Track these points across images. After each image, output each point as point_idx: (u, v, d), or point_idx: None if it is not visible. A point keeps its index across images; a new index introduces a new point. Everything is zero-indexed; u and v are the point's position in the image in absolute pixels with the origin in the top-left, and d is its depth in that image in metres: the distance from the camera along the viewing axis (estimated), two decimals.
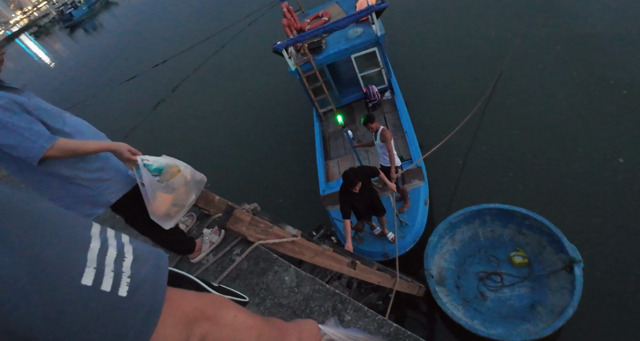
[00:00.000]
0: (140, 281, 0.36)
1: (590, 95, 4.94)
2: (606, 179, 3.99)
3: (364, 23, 5.51)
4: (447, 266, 3.76)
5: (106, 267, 0.34)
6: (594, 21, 6.01)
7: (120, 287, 0.34)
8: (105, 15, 33.81)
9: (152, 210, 1.56)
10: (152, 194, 1.51)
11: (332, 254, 2.12)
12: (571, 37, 5.92)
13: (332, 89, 5.84)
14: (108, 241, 0.37)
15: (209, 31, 13.31)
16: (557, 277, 3.24)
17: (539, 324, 3.05)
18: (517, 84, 5.61)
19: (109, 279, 0.34)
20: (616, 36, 5.55)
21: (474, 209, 3.72)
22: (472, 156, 4.98)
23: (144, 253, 0.40)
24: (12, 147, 1.25)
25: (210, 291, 0.83)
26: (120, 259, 0.36)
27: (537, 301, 3.29)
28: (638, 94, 4.65)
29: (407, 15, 8.89)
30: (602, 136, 4.42)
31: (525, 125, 4.97)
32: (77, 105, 12.63)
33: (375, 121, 3.64)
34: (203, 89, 10.51)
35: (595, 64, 5.30)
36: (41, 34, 42.71)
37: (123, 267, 0.36)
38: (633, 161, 4.02)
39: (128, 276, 0.35)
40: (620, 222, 3.62)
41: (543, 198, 4.09)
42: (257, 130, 7.58)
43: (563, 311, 2.93)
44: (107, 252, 0.36)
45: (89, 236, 0.36)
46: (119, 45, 19.74)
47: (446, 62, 6.84)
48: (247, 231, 1.73)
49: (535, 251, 3.54)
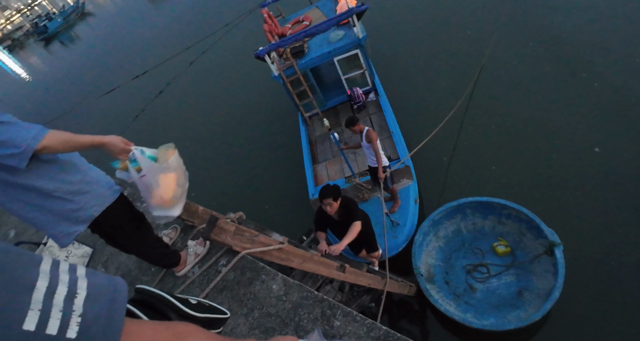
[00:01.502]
0: (93, 318, 0.34)
1: (564, 88, 5.11)
2: (583, 167, 4.14)
3: (345, 26, 5.54)
4: (434, 263, 3.79)
5: (53, 307, 0.32)
6: (563, 18, 6.22)
7: (69, 328, 0.32)
8: (81, 27, 33.11)
9: (159, 199, 1.49)
10: (155, 181, 1.45)
11: (320, 259, 2.10)
12: (543, 34, 6.12)
13: (317, 92, 5.83)
14: (59, 277, 0.34)
15: (189, 40, 13.17)
16: (540, 262, 3.34)
17: (529, 309, 3.12)
18: (496, 81, 5.75)
19: (55, 321, 0.31)
20: (585, 32, 5.76)
21: (454, 205, 3.80)
22: (457, 152, 5.07)
23: (100, 286, 0.37)
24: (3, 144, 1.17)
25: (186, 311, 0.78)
26: (71, 296, 0.34)
27: (523, 287, 3.37)
28: (608, 86, 4.83)
29: (387, 17, 9.01)
30: (578, 127, 4.57)
31: (505, 120, 5.10)
32: (57, 119, 12.26)
33: (359, 122, 3.62)
34: (185, 99, 10.37)
35: (566, 59, 5.49)
36: (15, 48, 41.45)
37: (74, 305, 0.33)
38: (608, 150, 4.17)
39: (79, 314, 0.33)
40: (598, 207, 3.76)
41: (525, 189, 4.21)
42: (242, 138, 7.49)
43: (550, 294, 3.01)
44: (56, 290, 0.33)
45: (36, 273, 0.33)
46: (97, 57, 19.33)
47: (427, 61, 6.95)
48: (232, 241, 1.69)
49: (516, 239, 3.64)
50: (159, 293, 0.76)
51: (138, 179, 1.44)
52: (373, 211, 4.13)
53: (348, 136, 5.45)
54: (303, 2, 7.50)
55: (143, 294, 0.77)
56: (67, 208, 1.43)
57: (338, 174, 4.91)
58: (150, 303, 0.74)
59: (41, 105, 15.76)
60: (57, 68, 21.97)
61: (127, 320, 0.38)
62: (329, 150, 5.39)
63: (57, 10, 40.31)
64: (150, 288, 0.78)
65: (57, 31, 34.41)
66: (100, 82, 14.54)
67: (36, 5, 74.24)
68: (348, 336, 1.28)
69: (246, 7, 13.05)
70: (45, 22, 36.01)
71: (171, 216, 1.59)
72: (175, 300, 0.76)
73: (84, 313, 0.33)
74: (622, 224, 3.55)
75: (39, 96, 17.81)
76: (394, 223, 3.97)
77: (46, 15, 38.77)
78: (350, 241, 2.76)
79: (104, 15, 33.76)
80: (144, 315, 0.66)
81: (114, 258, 2.35)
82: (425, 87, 6.39)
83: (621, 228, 3.53)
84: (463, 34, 7.08)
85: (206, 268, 1.87)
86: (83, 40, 26.85)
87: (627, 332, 2.97)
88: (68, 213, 1.44)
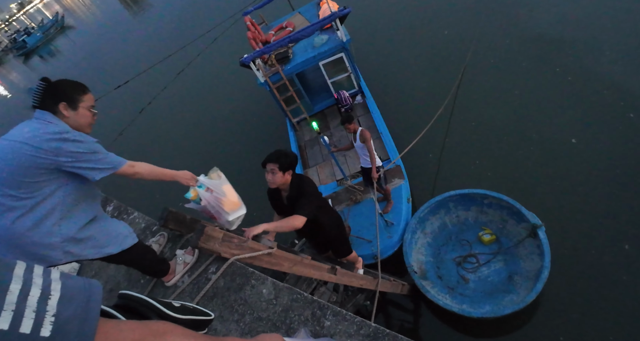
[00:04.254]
0: (67, 318, 0.35)
1: (540, 83, 5.30)
2: (561, 158, 4.31)
3: (329, 30, 5.59)
4: (425, 260, 3.84)
5: (27, 308, 0.33)
6: (536, 15, 6.46)
7: (43, 327, 0.33)
8: (61, 40, 32.60)
9: (230, 204, 1.82)
10: (222, 192, 1.82)
11: (310, 262, 2.10)
12: (517, 31, 6.34)
13: (303, 97, 5.86)
14: (32, 280, 0.36)
15: (171, 49, 13.10)
16: (524, 245, 3.45)
17: (521, 292, 3.19)
18: (478, 80, 5.90)
19: (29, 320, 0.33)
20: (557, 28, 5.99)
21: (437, 200, 3.89)
22: (443, 150, 5.19)
23: (74, 288, 0.38)
24: (99, 160, 1.39)
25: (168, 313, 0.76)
26: (44, 298, 0.35)
27: (513, 271, 3.46)
28: (581, 79, 5.03)
29: (369, 19, 9.15)
30: (555, 120, 4.74)
31: (487, 116, 5.27)
32: None
33: (354, 121, 3.64)
34: (170, 110, 10.25)
35: (540, 55, 5.69)
36: None
37: (48, 306, 0.35)
38: (584, 140, 4.36)
39: (52, 314, 0.34)
40: (576, 192, 3.94)
41: (507, 180, 4.38)
42: (230, 146, 7.43)
43: (539, 274, 3.09)
44: (29, 292, 0.34)
45: (10, 277, 0.35)
46: (78, 70, 19.04)
47: (411, 62, 7.08)
48: (220, 247, 1.68)
49: (499, 227, 3.74)
50: (141, 296, 0.73)
51: (209, 196, 1.78)
52: (366, 212, 4.14)
53: (337, 139, 5.47)
54: (285, 9, 7.57)
55: (125, 299, 0.75)
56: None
57: (329, 178, 4.91)
58: (133, 308, 0.72)
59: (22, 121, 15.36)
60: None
61: (104, 319, 0.39)
62: (319, 154, 5.39)
63: (36, 24, 39.68)
64: (133, 293, 0.75)
65: (36, 46, 33.82)
66: None
67: (14, 21, 73.03)
68: (339, 335, 1.28)
69: (227, 15, 13.08)
70: (24, 37, 35.34)
71: (243, 214, 1.91)
72: (157, 303, 0.73)
73: (58, 313, 0.35)
74: (598, 203, 3.76)
75: (20, 112, 17.37)
76: (388, 223, 3.98)
77: (25, 30, 38.08)
78: (273, 230, 2.03)
79: (84, 28, 33.40)
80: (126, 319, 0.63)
81: (102, 272, 2.28)
82: (410, 88, 6.49)
83: (598, 207, 3.73)
84: (443, 35, 7.25)
85: (196, 276, 1.83)
86: (64, 54, 26.43)
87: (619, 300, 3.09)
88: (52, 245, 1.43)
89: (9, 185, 1.28)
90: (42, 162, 1.29)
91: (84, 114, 1.45)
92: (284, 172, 2.23)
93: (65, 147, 1.30)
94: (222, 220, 1.85)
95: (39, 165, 1.29)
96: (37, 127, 1.31)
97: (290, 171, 2.28)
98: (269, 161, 2.24)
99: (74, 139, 1.32)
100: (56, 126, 1.32)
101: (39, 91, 1.36)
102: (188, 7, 19.00)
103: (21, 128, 1.34)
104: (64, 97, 1.39)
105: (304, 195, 2.25)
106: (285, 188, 2.35)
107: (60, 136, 1.29)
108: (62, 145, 1.29)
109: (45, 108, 1.37)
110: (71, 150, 1.31)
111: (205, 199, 1.77)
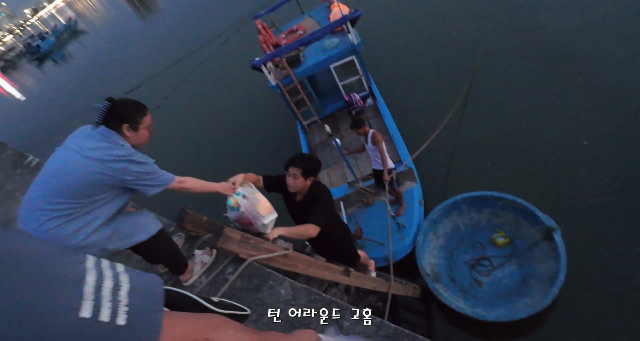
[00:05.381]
0: (138, 309, 0.37)
1: (550, 86, 5.25)
2: (573, 160, 4.26)
3: (339, 33, 5.61)
4: (437, 262, 3.80)
5: (103, 298, 0.35)
6: (546, 18, 6.41)
7: (118, 316, 0.35)
8: (74, 45, 33.31)
9: (264, 208, 1.96)
10: (255, 198, 1.96)
11: (324, 264, 2.12)
12: (527, 34, 6.30)
13: (314, 100, 5.87)
14: (103, 272, 0.38)
15: (182, 53, 13.28)
16: (539, 248, 3.38)
17: (536, 295, 3.13)
18: (488, 82, 5.86)
19: (107, 309, 0.34)
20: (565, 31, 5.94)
21: (449, 202, 3.85)
22: (456, 152, 5.16)
23: (140, 280, 0.40)
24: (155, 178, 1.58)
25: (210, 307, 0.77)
26: (116, 289, 0.37)
27: (527, 274, 3.40)
28: (591, 81, 4.98)
29: (379, 22, 9.16)
30: (565, 122, 4.70)
31: (498, 118, 5.23)
32: (53, 137, 12.16)
33: (365, 124, 3.64)
34: (181, 113, 10.37)
35: (550, 57, 5.65)
36: (8, 68, 41.52)
37: (120, 297, 0.36)
38: (596, 142, 4.31)
39: (125, 304, 0.36)
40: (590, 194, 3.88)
41: (519, 181, 4.33)
42: (241, 148, 7.48)
43: (555, 278, 3.03)
44: (103, 283, 0.36)
45: (84, 269, 0.36)
46: (90, 74, 19.41)
47: (421, 64, 7.06)
48: (238, 248, 1.71)
49: (513, 229, 3.68)
50: (182, 291, 0.74)
51: (246, 203, 1.92)
52: (378, 215, 4.12)
53: (348, 141, 5.46)
54: (295, 12, 7.62)
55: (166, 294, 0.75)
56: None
57: (340, 180, 4.90)
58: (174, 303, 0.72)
59: (36, 124, 15.68)
60: (51, 87, 22.00)
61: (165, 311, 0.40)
62: (330, 156, 5.38)
63: (50, 29, 40.60)
64: (173, 288, 0.76)
65: (50, 50, 34.59)
66: (94, 99, 14.47)
67: (28, 26, 74.83)
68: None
69: (236, 19, 13.23)
70: (38, 42, 36.23)
71: (275, 217, 2.03)
72: (198, 297, 0.74)
73: (129, 303, 0.36)
74: (612, 206, 3.69)
75: (33, 115, 17.76)
76: (400, 226, 3.95)
77: (39, 35, 39.03)
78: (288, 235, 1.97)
79: (95, 33, 34.08)
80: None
81: None
82: (420, 90, 6.47)
83: (612, 210, 3.66)
84: (454, 38, 7.22)
85: (213, 276, 1.84)
86: (76, 58, 27.01)
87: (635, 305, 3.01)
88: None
89: (68, 194, 1.40)
90: (107, 179, 1.43)
91: (143, 134, 1.60)
92: (306, 178, 2.11)
93: (131, 168, 1.47)
94: (259, 224, 1.95)
95: (103, 181, 1.43)
96: (106, 146, 1.45)
97: (312, 178, 2.17)
98: (292, 165, 2.10)
99: (139, 162, 1.49)
100: (123, 148, 1.48)
101: (104, 110, 1.48)
102: (197, 12, 19.29)
103: (89, 141, 1.46)
104: (127, 119, 1.52)
105: (319, 203, 2.15)
106: (302, 193, 2.25)
107: (128, 158, 1.46)
108: (128, 166, 1.46)
109: (108, 126, 1.50)
110: (136, 170, 1.49)
111: (244, 206, 1.90)
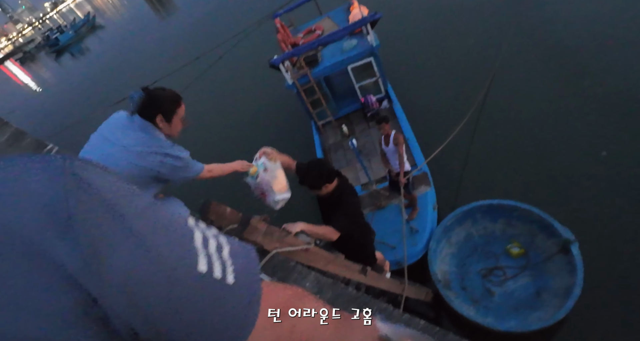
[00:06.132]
0: (241, 270, 0.36)
1: (569, 94, 5.17)
2: (592, 170, 4.19)
3: (358, 35, 5.61)
4: (449, 270, 3.75)
5: (212, 255, 0.34)
6: (564, 26, 6.31)
7: (227, 274, 0.34)
8: (92, 39, 33.90)
9: (280, 186, 2.03)
10: (274, 174, 2.03)
11: (344, 261, 2.14)
12: (545, 43, 6.20)
13: (330, 101, 5.88)
14: (204, 231, 0.37)
15: (198, 51, 13.41)
16: (554, 261, 3.29)
17: (549, 309, 3.06)
18: (505, 89, 5.79)
19: (218, 266, 0.33)
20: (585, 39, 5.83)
21: (464, 210, 3.78)
22: (470, 158, 5.11)
23: (236, 244, 0.39)
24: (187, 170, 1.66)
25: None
26: (220, 249, 0.36)
27: (541, 288, 3.32)
28: (610, 91, 4.89)
29: (397, 25, 9.12)
30: (584, 131, 4.63)
31: (516, 125, 5.15)
32: (68, 128, 12.42)
33: (390, 122, 3.64)
34: (196, 109, 10.47)
35: (568, 66, 5.57)
36: (27, 60, 42.47)
37: (224, 256, 0.35)
38: (615, 153, 4.24)
39: (231, 264, 0.35)
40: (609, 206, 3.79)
41: (534, 191, 4.24)
42: (255, 145, 7.51)
43: (570, 292, 2.95)
44: (208, 242, 0.35)
45: (190, 226, 0.35)
46: (107, 68, 19.73)
47: (438, 68, 7.01)
48: (263, 240, 1.74)
49: (527, 240, 3.59)
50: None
51: (264, 175, 2.01)
52: (390, 218, 4.11)
53: (362, 144, 5.46)
54: (313, 13, 7.64)
55: None
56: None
57: (354, 182, 4.89)
58: None
59: (53, 115, 16.03)
60: (68, 79, 22.44)
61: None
62: (343, 158, 5.40)
63: (68, 23, 41.44)
64: None
65: (68, 44, 35.30)
66: (110, 92, 14.77)
67: (47, 19, 76.33)
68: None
69: (254, 17, 13.29)
70: (57, 35, 37.05)
71: (287, 197, 2.09)
72: None
73: (234, 263, 0.35)
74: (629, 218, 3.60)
75: (50, 106, 18.14)
76: (413, 230, 3.94)
77: (58, 28, 39.89)
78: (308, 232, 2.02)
79: (113, 28, 34.64)
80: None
81: None
82: (436, 94, 6.43)
83: (628, 221, 3.57)
84: (472, 43, 7.16)
85: None
86: (93, 52, 27.48)
87: None
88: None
89: None
90: (144, 172, 1.47)
91: (176, 125, 1.61)
92: (321, 187, 2.22)
93: (167, 161, 1.52)
94: (270, 199, 2.05)
95: (141, 173, 1.46)
96: (144, 139, 1.47)
97: (327, 185, 2.22)
98: (301, 184, 2.26)
99: (175, 156, 1.54)
100: (161, 141, 1.52)
101: (139, 100, 1.48)
102: (213, 10, 19.45)
103: (127, 133, 1.47)
104: (160, 109, 1.52)
105: (342, 206, 2.22)
106: (326, 196, 2.35)
107: (165, 151, 1.50)
108: (164, 159, 1.50)
109: (143, 116, 1.51)
110: (172, 164, 1.54)
111: (261, 177, 2.01)
